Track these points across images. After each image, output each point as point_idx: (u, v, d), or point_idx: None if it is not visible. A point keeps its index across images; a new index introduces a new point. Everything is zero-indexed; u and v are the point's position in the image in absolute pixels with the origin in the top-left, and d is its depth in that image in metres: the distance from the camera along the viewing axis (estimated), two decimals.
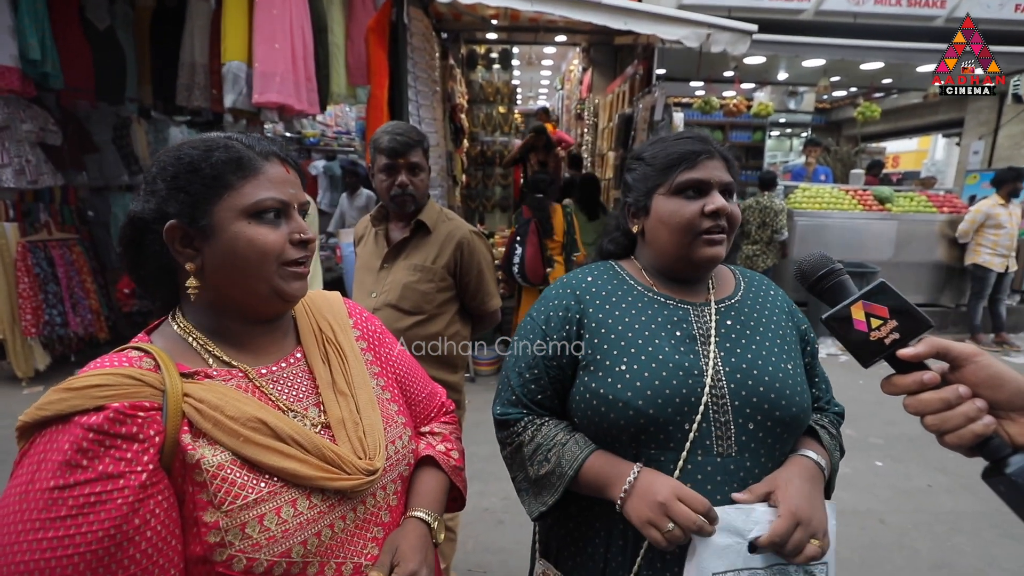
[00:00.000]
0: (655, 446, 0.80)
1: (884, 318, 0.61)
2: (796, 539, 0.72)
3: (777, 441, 0.82)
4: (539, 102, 15.14)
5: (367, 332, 0.88)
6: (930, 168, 10.66)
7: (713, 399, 0.80)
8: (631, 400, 0.79)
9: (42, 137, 3.91)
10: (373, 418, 0.75)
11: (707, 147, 0.86)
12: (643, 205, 0.90)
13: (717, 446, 0.79)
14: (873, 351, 0.61)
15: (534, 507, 0.88)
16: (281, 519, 0.62)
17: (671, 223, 0.85)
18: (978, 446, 0.56)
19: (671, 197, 0.86)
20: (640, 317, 0.86)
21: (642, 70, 5.87)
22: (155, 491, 0.56)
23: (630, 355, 0.83)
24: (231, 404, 0.62)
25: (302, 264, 0.70)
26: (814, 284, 0.69)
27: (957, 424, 0.56)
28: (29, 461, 0.54)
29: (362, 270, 1.75)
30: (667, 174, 0.86)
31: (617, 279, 0.93)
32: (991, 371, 0.57)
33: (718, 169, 0.86)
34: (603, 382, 0.82)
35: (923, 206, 5.74)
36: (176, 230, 0.65)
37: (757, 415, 0.81)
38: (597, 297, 0.90)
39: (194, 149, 0.66)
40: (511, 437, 0.92)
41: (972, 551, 2.29)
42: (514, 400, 0.91)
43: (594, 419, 0.83)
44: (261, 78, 3.07)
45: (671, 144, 0.88)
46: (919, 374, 0.58)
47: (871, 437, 3.32)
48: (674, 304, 0.88)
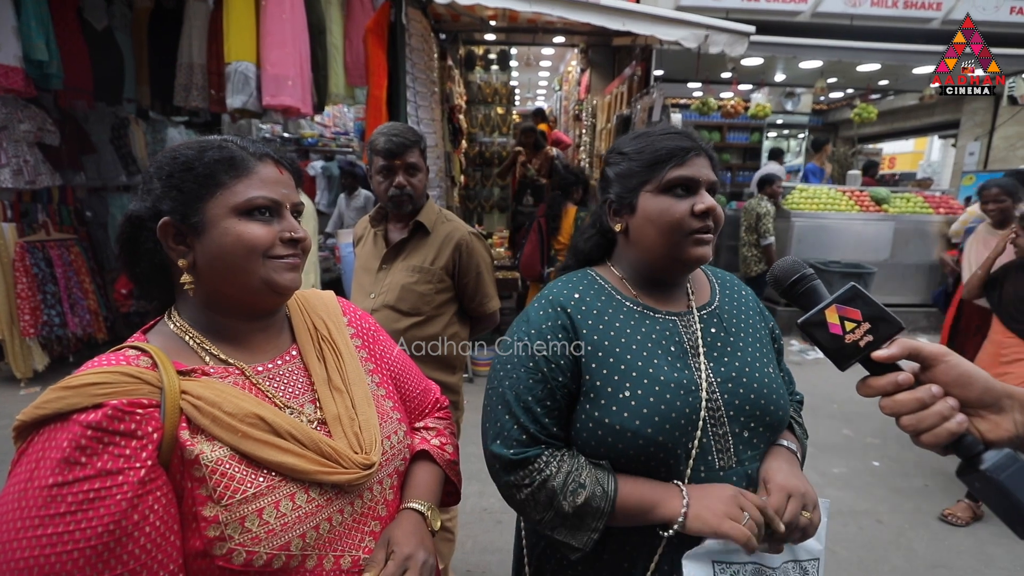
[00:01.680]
0: (664, 471, 0.78)
1: (857, 321, 0.62)
2: (791, 510, 0.75)
3: (765, 444, 0.84)
4: (537, 103, 15.16)
5: (361, 329, 0.89)
6: (926, 169, 10.71)
7: (710, 413, 0.79)
8: (640, 429, 0.76)
9: (40, 137, 3.90)
10: (368, 414, 0.76)
11: (695, 143, 0.83)
12: (628, 203, 0.86)
13: (719, 460, 0.79)
14: (848, 354, 0.62)
15: (580, 538, 0.78)
16: (280, 513, 0.62)
17: (660, 223, 0.82)
18: (952, 444, 0.58)
19: (659, 195, 0.83)
20: (635, 336, 0.83)
21: (640, 71, 5.89)
22: (153, 487, 0.57)
23: (632, 379, 0.79)
24: (229, 400, 0.63)
25: (292, 257, 0.71)
26: (788, 289, 0.70)
27: (932, 423, 0.57)
28: (28, 459, 0.54)
29: (361, 271, 1.75)
30: (655, 171, 0.83)
31: (604, 294, 0.88)
32: (960, 370, 0.58)
33: (705, 167, 0.83)
34: (608, 411, 0.79)
35: (919, 207, 5.76)
36: (169, 227, 0.66)
37: (751, 423, 0.81)
38: (589, 316, 0.85)
39: (189, 149, 0.68)
40: (530, 476, 0.80)
41: (969, 550, 2.30)
42: (527, 439, 0.80)
43: (599, 450, 0.80)
44: (273, 81, 3.11)
45: (658, 139, 0.84)
46: (893, 375, 0.60)
47: (868, 437, 3.33)
48: (662, 317, 0.86)
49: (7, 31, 3.20)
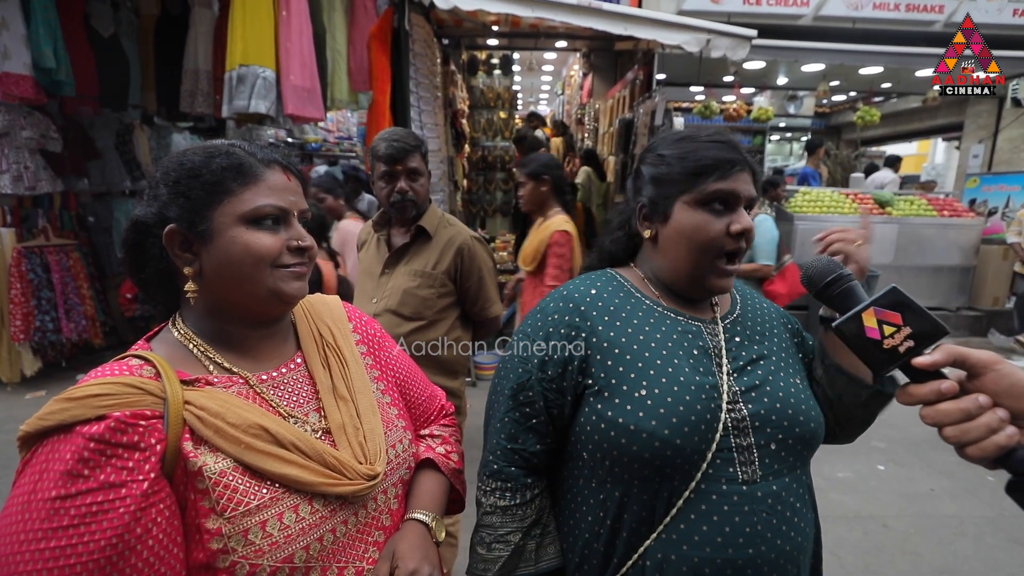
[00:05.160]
0: (679, 478, 0.73)
1: (897, 325, 0.58)
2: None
3: (798, 459, 0.79)
4: (540, 107, 15.19)
5: (367, 336, 0.88)
6: (930, 172, 10.67)
7: (734, 422, 0.75)
8: (656, 430, 0.72)
9: (43, 144, 3.92)
10: (373, 423, 0.75)
11: (740, 156, 0.78)
12: (661, 210, 0.81)
13: (742, 472, 0.74)
14: (887, 360, 0.58)
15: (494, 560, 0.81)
16: (283, 525, 0.62)
17: (693, 239, 0.78)
18: (1001, 458, 0.54)
19: (696, 209, 0.78)
20: (655, 334, 0.79)
21: (642, 75, 5.89)
22: (157, 499, 0.56)
23: (649, 378, 0.75)
24: (232, 411, 0.63)
25: (299, 266, 0.71)
26: (822, 291, 0.66)
27: (979, 436, 0.53)
28: (31, 471, 0.54)
29: (364, 275, 1.75)
30: (695, 182, 0.78)
31: (623, 292, 0.85)
32: (1012, 379, 0.54)
33: (747, 182, 0.79)
34: (622, 410, 0.74)
35: (924, 209, 5.73)
36: (176, 234, 0.66)
37: (778, 435, 0.76)
38: (605, 313, 0.81)
39: (196, 155, 0.67)
40: (498, 491, 0.82)
41: (976, 556, 2.28)
42: (516, 460, 0.82)
43: (611, 452, 0.75)
44: (295, 91, 3.16)
45: (703, 147, 0.79)
46: (936, 383, 0.56)
47: (873, 441, 3.30)
48: (685, 320, 0.82)
49: (17, 40, 3.24)
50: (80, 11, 3.67)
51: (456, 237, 1.66)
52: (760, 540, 0.73)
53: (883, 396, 0.83)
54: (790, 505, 0.76)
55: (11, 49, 3.22)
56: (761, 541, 0.73)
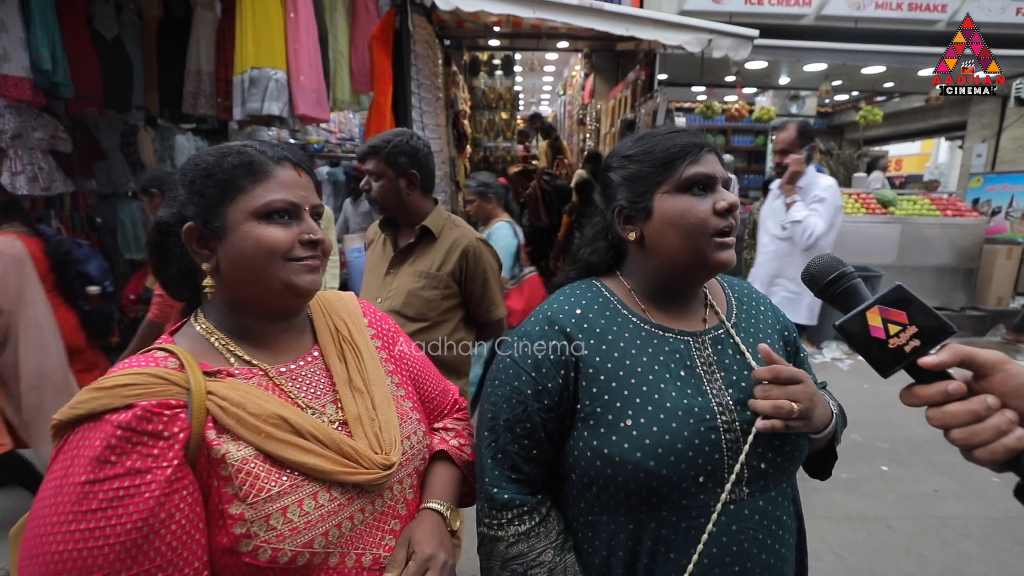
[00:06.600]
0: (666, 508, 0.72)
1: (903, 324, 0.56)
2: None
3: (785, 474, 0.78)
4: (541, 107, 15.20)
5: (381, 331, 0.90)
6: (933, 171, 10.64)
7: (728, 443, 0.73)
8: (641, 462, 0.70)
9: (53, 145, 3.96)
10: (389, 414, 0.77)
11: (704, 140, 0.78)
12: (642, 207, 0.79)
13: (729, 493, 0.72)
14: (892, 360, 0.57)
15: None
16: (303, 511, 0.64)
17: (682, 224, 0.75)
18: (1009, 461, 0.52)
19: (677, 195, 0.76)
20: (640, 358, 0.76)
21: (644, 75, 5.90)
22: (180, 486, 0.59)
23: (635, 407, 0.73)
24: (253, 401, 0.65)
25: (312, 259, 0.72)
26: (824, 288, 0.65)
27: (987, 438, 0.52)
28: (64, 457, 0.57)
29: (369, 275, 1.76)
30: (669, 169, 0.76)
31: (609, 309, 0.81)
32: (1021, 380, 0.53)
33: (717, 164, 0.78)
34: (607, 440, 0.73)
35: (927, 209, 5.72)
36: (193, 232, 0.69)
37: (768, 452, 0.75)
38: (591, 336, 0.78)
39: (210, 156, 0.71)
40: (497, 518, 0.79)
41: (980, 557, 2.28)
42: (513, 478, 0.79)
43: (598, 480, 0.74)
44: (304, 92, 3.18)
45: (666, 138, 0.79)
46: (943, 384, 0.54)
47: (876, 442, 3.30)
48: (673, 337, 0.79)
49: (15, 43, 3.25)
50: (83, 13, 3.69)
51: (461, 239, 1.66)
52: (746, 557, 0.73)
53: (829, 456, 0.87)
54: (775, 519, 0.76)
55: (10, 52, 3.24)
56: (747, 558, 0.73)
